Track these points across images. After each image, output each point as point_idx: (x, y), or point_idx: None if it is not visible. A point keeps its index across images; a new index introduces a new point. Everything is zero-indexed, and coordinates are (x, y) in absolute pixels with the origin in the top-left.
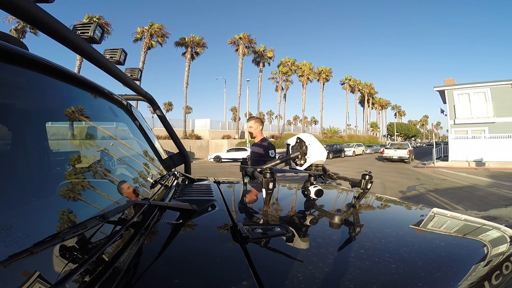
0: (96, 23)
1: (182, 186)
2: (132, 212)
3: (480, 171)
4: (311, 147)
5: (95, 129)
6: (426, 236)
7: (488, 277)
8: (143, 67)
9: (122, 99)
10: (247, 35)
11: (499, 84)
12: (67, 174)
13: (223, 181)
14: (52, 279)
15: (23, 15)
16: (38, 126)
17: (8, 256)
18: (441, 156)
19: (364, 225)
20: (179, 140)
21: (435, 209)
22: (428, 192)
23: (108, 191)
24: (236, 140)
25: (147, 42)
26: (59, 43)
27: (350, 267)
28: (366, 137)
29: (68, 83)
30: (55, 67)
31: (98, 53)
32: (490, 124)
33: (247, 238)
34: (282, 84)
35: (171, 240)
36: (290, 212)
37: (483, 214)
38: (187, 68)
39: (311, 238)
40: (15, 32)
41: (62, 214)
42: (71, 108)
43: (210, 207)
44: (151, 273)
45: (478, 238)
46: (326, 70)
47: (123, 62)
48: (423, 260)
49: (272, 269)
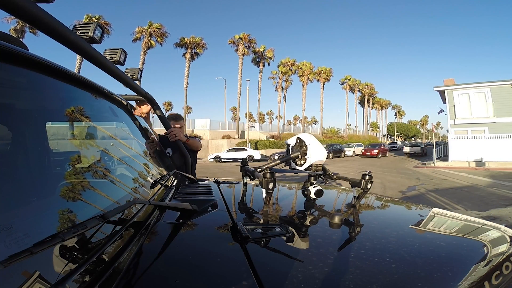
0: (96, 23)
1: (182, 186)
2: (132, 212)
3: (480, 171)
4: (311, 147)
5: (95, 129)
6: (426, 236)
7: (488, 277)
8: (143, 67)
9: (122, 99)
10: (247, 35)
11: (499, 84)
12: (67, 174)
13: (223, 181)
14: (52, 279)
15: (23, 15)
16: (38, 126)
17: (8, 256)
18: (441, 156)
19: (364, 225)
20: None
21: (435, 209)
22: (428, 192)
23: (108, 191)
24: (236, 140)
25: (146, 42)
26: (59, 43)
27: (350, 267)
28: (366, 137)
29: (68, 83)
30: (55, 67)
31: (98, 53)
32: (490, 124)
33: (247, 238)
34: (282, 84)
35: (171, 240)
36: (290, 212)
37: (483, 214)
38: (187, 68)
39: (311, 238)
40: (14, 32)
41: (62, 214)
42: (71, 108)
43: (210, 207)
44: (151, 273)
45: (478, 238)
46: (326, 70)
47: (123, 62)
48: (423, 260)
49: (272, 269)
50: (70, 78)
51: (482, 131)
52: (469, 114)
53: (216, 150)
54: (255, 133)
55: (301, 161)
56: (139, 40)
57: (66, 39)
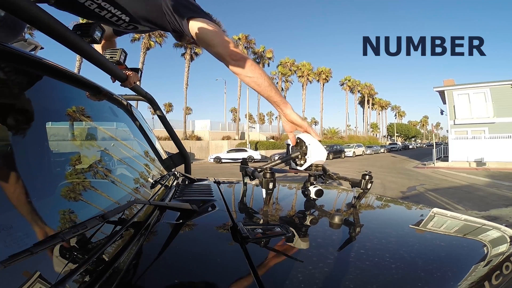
0: (96, 23)
1: (182, 186)
2: (132, 212)
3: (480, 171)
4: (311, 147)
5: (96, 129)
6: (426, 236)
7: (488, 277)
8: (143, 67)
9: (122, 99)
10: (246, 35)
11: (499, 84)
12: (67, 174)
13: (223, 181)
14: (52, 279)
15: (23, 15)
16: (38, 126)
17: (8, 256)
18: (441, 156)
19: (364, 225)
20: (179, 140)
21: (435, 209)
22: (428, 192)
23: (108, 191)
24: (236, 141)
25: (145, 43)
26: (59, 43)
27: (350, 267)
28: (366, 138)
29: (68, 83)
30: (55, 67)
31: (98, 53)
32: (490, 124)
33: (247, 238)
34: (282, 85)
35: (171, 240)
36: (290, 212)
37: (483, 214)
38: (187, 69)
39: (311, 238)
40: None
41: (62, 214)
42: (72, 108)
43: (210, 207)
44: (151, 273)
45: (478, 238)
46: (325, 71)
47: (123, 62)
48: (423, 260)
49: (272, 269)
50: (70, 78)
51: (482, 131)
52: (469, 115)
53: (216, 151)
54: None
55: (301, 161)
56: (138, 40)
57: (66, 39)
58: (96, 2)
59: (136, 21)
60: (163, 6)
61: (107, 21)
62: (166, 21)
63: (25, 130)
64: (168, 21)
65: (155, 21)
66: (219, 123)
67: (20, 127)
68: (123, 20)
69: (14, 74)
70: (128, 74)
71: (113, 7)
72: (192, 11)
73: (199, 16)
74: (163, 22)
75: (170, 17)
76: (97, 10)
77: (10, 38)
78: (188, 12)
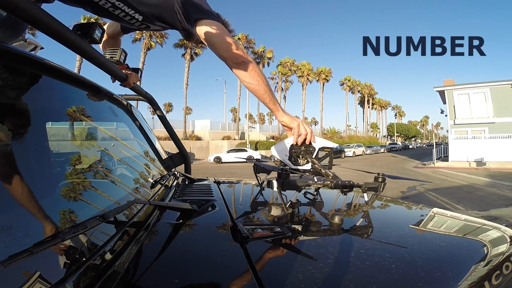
0: (96, 23)
1: (182, 186)
2: (132, 212)
3: (481, 171)
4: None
5: (96, 129)
6: (426, 236)
7: (488, 277)
8: (143, 67)
9: (122, 99)
10: (246, 35)
11: (499, 84)
12: (67, 174)
13: (223, 181)
14: (52, 279)
15: (23, 15)
16: (38, 126)
17: (8, 256)
18: (441, 156)
19: (364, 225)
20: (179, 140)
21: (435, 209)
22: (428, 192)
23: (108, 191)
24: (236, 141)
25: (146, 43)
26: (59, 43)
27: (350, 267)
28: (366, 138)
29: (68, 83)
30: (55, 67)
31: (98, 53)
32: (490, 124)
33: (247, 238)
34: (282, 85)
35: (171, 240)
36: (290, 212)
37: (484, 214)
38: (187, 69)
39: (311, 238)
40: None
41: (62, 214)
42: (72, 108)
43: (210, 207)
44: (151, 273)
45: (478, 238)
46: (325, 71)
47: (123, 62)
48: (423, 260)
49: (272, 269)
50: (70, 78)
51: (482, 131)
52: (469, 114)
53: (216, 151)
54: (255, 134)
55: (303, 160)
56: (139, 41)
57: (66, 39)
58: (110, 1)
59: (149, 20)
60: (175, 6)
61: (120, 19)
62: (177, 20)
63: (25, 130)
64: (178, 20)
65: (167, 20)
66: (219, 123)
67: (20, 127)
68: (136, 19)
69: (14, 74)
70: (128, 74)
71: (126, 6)
72: (202, 13)
73: (207, 17)
74: (174, 21)
75: (180, 17)
76: (111, 9)
77: (11, 38)
78: (197, 13)
